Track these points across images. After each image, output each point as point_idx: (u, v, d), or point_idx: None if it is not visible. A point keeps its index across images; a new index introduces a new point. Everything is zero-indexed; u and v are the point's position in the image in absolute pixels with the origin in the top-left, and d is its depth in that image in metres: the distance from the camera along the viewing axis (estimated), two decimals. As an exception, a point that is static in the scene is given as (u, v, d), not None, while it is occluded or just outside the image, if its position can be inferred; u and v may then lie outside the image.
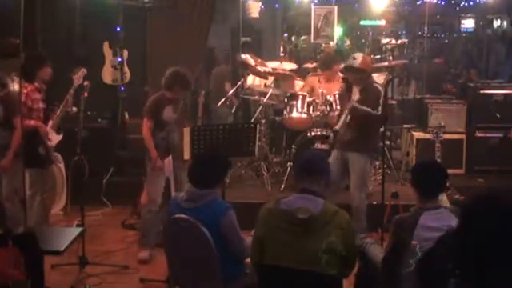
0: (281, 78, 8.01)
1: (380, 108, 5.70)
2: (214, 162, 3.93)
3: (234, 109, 8.02)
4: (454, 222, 3.27)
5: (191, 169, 3.96)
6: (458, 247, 2.01)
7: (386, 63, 8.23)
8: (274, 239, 3.32)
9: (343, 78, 6.17)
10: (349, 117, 5.67)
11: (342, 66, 6.06)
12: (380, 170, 6.79)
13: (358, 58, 5.76)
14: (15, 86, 5.48)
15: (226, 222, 3.71)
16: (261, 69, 8.05)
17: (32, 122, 5.52)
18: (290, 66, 8.57)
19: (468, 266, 1.96)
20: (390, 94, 8.61)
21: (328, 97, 6.77)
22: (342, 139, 5.83)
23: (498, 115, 7.62)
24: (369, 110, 5.63)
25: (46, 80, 5.74)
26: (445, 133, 6.13)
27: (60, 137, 5.88)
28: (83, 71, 5.80)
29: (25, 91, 5.42)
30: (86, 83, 5.71)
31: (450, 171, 3.82)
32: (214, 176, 3.89)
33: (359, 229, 5.41)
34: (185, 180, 5.66)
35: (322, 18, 9.29)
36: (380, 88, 5.90)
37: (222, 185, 4.63)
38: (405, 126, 8.20)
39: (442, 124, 6.23)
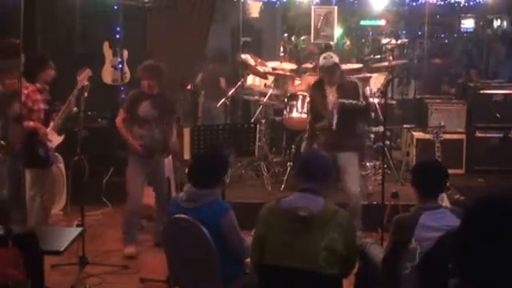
0: (281, 78, 8.02)
1: (362, 98, 5.75)
2: (214, 161, 3.93)
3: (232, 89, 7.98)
4: (453, 221, 3.27)
5: (191, 169, 3.95)
6: (458, 247, 2.01)
7: (386, 63, 8.23)
8: (275, 238, 3.33)
9: (314, 83, 6.07)
10: (336, 117, 5.68)
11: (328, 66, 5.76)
12: (380, 170, 6.79)
13: (333, 55, 5.79)
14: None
15: (226, 222, 3.71)
16: (261, 69, 8.05)
17: (31, 124, 5.50)
18: (289, 66, 8.57)
19: (468, 266, 1.96)
20: (390, 94, 8.62)
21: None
22: (329, 141, 5.74)
23: (497, 115, 7.62)
24: (354, 102, 5.66)
25: (48, 81, 5.74)
26: (445, 133, 6.13)
27: (61, 138, 5.87)
28: (88, 72, 5.77)
29: (25, 92, 5.42)
30: (86, 83, 5.70)
31: (450, 171, 3.82)
32: (214, 176, 3.89)
33: (358, 228, 5.43)
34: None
35: (321, 17, 9.28)
36: (356, 80, 5.99)
37: (222, 185, 4.62)
38: (405, 126, 8.21)
39: (442, 124, 6.24)
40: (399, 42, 9.80)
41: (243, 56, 8.46)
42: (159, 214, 5.84)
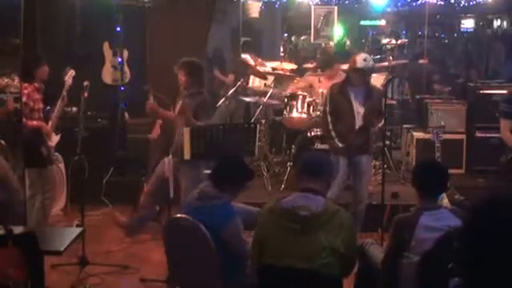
0: (281, 78, 8.01)
1: (383, 109, 5.76)
2: (236, 166, 3.94)
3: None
4: (453, 222, 3.28)
5: (215, 167, 3.97)
6: (460, 248, 2.01)
7: (386, 63, 8.23)
8: (275, 238, 3.33)
9: (337, 86, 5.89)
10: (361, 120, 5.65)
11: (358, 66, 5.64)
12: (380, 170, 6.79)
13: (369, 59, 5.67)
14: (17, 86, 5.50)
15: (230, 229, 3.70)
16: (261, 69, 8.05)
17: (35, 123, 5.55)
18: (289, 66, 8.57)
19: (470, 266, 1.96)
20: (389, 94, 8.62)
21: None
22: (353, 144, 5.64)
23: (497, 115, 7.61)
24: (382, 122, 5.71)
25: (44, 79, 5.75)
26: (445, 133, 6.13)
27: (58, 137, 5.90)
28: (72, 72, 5.83)
29: (26, 92, 5.44)
30: (85, 83, 5.71)
31: (450, 171, 3.83)
32: (237, 180, 3.90)
33: (359, 228, 5.45)
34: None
35: (322, 18, 9.29)
36: (382, 88, 5.97)
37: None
38: (405, 126, 8.20)
39: (442, 124, 6.23)
40: (399, 42, 9.80)
41: (243, 56, 8.45)
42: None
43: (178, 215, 3.76)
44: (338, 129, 5.73)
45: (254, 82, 8.31)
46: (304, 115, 6.93)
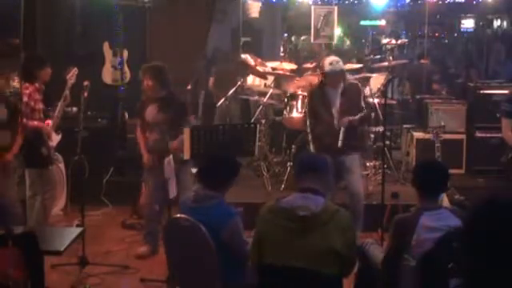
0: (281, 78, 8.02)
1: (363, 103, 5.75)
2: (225, 163, 3.93)
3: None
4: (453, 222, 3.28)
5: (201, 168, 3.95)
6: (461, 248, 2.01)
7: (386, 63, 8.24)
8: (274, 238, 3.32)
9: (315, 87, 5.94)
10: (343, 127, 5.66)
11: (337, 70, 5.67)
12: (380, 170, 6.79)
13: (339, 60, 5.69)
14: (16, 87, 5.51)
15: (231, 228, 3.69)
16: (261, 69, 8.05)
17: (35, 123, 5.55)
18: (289, 66, 8.57)
19: (470, 267, 1.96)
20: (389, 94, 8.62)
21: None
22: (332, 144, 5.64)
23: (497, 115, 7.61)
24: (360, 115, 5.67)
25: (46, 81, 5.75)
26: (445, 133, 6.13)
27: (59, 137, 5.91)
28: (75, 70, 5.84)
29: (27, 92, 5.45)
30: (85, 83, 5.71)
31: (450, 171, 3.82)
32: (223, 178, 3.88)
33: (359, 228, 5.44)
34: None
35: (321, 18, 9.29)
36: (358, 82, 5.97)
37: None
38: (405, 126, 8.21)
39: (442, 124, 6.22)
40: (399, 42, 9.80)
41: (243, 56, 8.46)
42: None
43: (178, 215, 3.76)
44: (317, 131, 5.83)
45: (254, 82, 8.31)
46: (304, 115, 6.93)
